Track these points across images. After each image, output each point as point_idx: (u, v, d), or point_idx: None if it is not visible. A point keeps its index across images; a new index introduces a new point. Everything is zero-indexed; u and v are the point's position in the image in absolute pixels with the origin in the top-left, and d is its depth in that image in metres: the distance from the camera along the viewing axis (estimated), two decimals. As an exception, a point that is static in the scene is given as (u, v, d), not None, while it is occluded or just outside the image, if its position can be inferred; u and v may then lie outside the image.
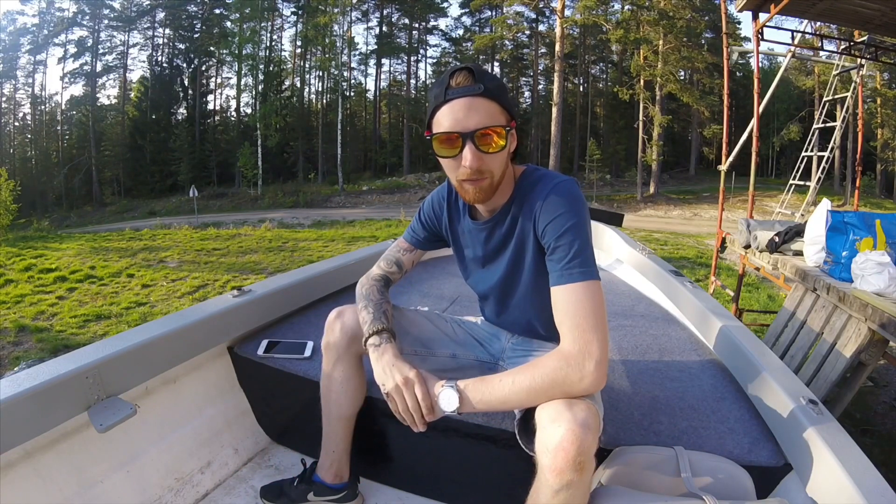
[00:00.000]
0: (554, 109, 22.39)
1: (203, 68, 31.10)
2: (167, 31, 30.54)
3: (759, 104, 4.47)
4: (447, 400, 0.84)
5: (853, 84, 5.56)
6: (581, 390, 0.80)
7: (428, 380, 0.88)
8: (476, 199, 0.92)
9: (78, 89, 30.11)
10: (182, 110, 31.08)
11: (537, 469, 0.78)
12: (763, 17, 4.16)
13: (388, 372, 0.89)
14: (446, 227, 1.12)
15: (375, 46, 30.97)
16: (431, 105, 0.89)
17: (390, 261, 1.16)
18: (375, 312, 1.01)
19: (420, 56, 32.49)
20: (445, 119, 0.85)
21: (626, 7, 21.89)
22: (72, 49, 28.68)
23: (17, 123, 30.40)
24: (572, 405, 0.77)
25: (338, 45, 26.00)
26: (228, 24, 28.51)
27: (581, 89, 30.62)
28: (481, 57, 29.91)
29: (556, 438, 0.73)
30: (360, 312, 1.04)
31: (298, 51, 29.53)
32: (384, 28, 30.83)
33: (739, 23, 20.80)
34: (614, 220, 2.70)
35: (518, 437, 0.87)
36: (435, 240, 1.16)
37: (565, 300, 0.86)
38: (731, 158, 4.90)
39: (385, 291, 1.10)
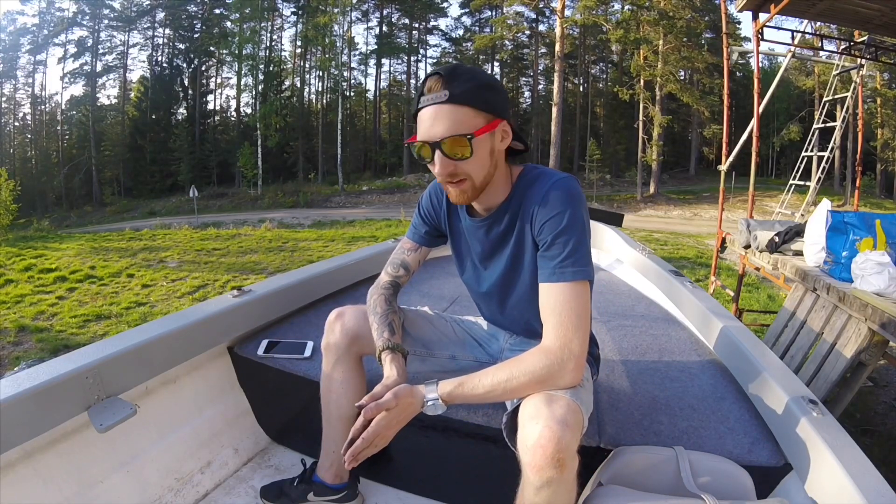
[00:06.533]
0: (554, 109, 22.37)
1: (203, 68, 31.08)
2: (167, 31, 30.51)
3: (759, 104, 4.46)
4: (433, 408, 0.85)
5: (853, 84, 5.55)
6: (560, 385, 0.83)
7: (411, 390, 0.86)
8: (459, 200, 0.93)
9: (78, 89, 30.13)
10: (182, 110, 31.06)
11: (521, 467, 0.78)
12: (763, 17, 4.16)
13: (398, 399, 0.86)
14: (445, 219, 1.11)
15: (375, 46, 30.97)
16: (412, 112, 0.90)
17: (396, 264, 1.15)
18: (380, 326, 1.02)
19: (420, 56, 32.47)
20: (419, 127, 0.87)
21: (626, 7, 21.87)
22: (72, 49, 28.68)
23: (17, 123, 30.37)
24: (551, 402, 0.78)
25: (338, 45, 26.00)
26: (228, 24, 28.52)
27: (581, 89, 30.60)
28: (481, 57, 29.89)
29: (534, 436, 0.74)
30: (370, 325, 1.06)
31: (298, 51, 29.51)
32: (384, 28, 30.82)
33: (739, 23, 20.88)
34: (614, 220, 2.70)
35: (505, 435, 0.87)
36: (437, 234, 1.15)
37: (553, 297, 0.87)
38: (731, 158, 4.90)
39: (392, 299, 1.11)
